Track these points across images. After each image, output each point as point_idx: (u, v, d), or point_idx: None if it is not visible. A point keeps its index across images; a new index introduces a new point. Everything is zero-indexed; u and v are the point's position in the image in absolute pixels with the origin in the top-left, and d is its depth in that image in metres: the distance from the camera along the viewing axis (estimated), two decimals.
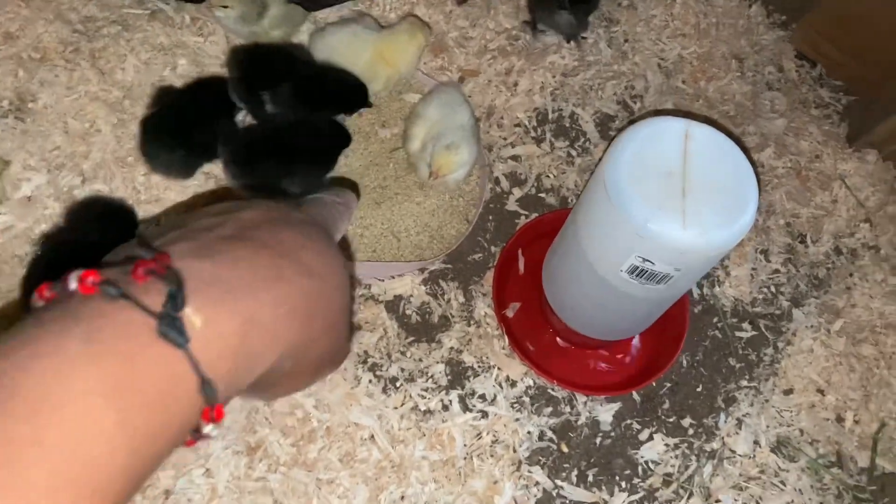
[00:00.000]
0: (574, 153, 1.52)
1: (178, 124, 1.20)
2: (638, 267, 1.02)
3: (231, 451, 1.11)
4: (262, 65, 1.29)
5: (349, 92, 1.33)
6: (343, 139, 1.28)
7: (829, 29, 1.66)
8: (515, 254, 1.38)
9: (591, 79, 1.57)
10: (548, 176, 1.48)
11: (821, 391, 1.38)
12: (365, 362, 1.24)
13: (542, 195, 1.47)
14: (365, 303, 1.29)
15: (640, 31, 1.64)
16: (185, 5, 1.38)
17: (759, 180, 1.02)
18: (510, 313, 1.34)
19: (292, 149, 1.22)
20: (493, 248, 1.40)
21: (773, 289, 1.46)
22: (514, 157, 1.49)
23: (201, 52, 1.38)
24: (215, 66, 1.38)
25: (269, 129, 1.26)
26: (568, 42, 1.59)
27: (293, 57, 1.31)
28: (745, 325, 1.42)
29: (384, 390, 1.23)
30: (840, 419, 1.36)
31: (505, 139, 1.50)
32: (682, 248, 0.97)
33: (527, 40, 1.58)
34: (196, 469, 1.09)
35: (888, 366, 1.42)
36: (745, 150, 1.05)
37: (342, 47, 1.36)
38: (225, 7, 1.26)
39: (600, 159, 1.48)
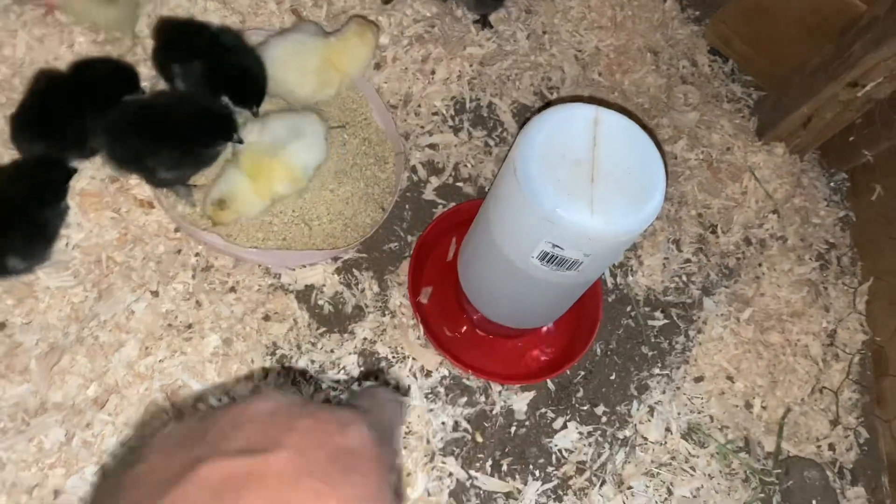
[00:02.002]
0: (491, 143, 1.51)
1: (47, 116, 1.14)
2: (548, 253, 1.02)
3: (128, 448, 1.06)
4: (180, 38, 1.23)
5: (248, 85, 1.27)
6: (224, 131, 1.20)
7: (739, 25, 1.70)
8: (431, 243, 1.36)
9: (508, 69, 1.56)
10: (465, 165, 1.47)
11: (730, 378, 1.41)
12: (273, 354, 1.20)
13: (460, 184, 1.45)
14: (274, 293, 1.25)
15: (558, 22, 1.64)
16: None
17: (669, 171, 1.03)
18: (424, 299, 1.32)
19: (162, 128, 1.14)
20: (409, 238, 1.38)
21: (684, 278, 1.48)
22: (432, 146, 1.47)
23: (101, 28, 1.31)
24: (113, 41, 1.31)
25: (145, 105, 1.18)
26: (477, 23, 1.58)
27: (215, 38, 1.25)
28: (658, 313, 1.44)
29: (293, 382, 1.19)
30: (748, 405, 1.39)
31: (422, 127, 1.48)
32: (591, 233, 0.97)
33: (444, 28, 1.56)
34: (89, 466, 1.03)
35: (794, 353, 1.46)
36: (655, 139, 1.06)
37: (288, 58, 1.30)
38: None
39: (509, 151, 1.48)
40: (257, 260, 1.25)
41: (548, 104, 1.53)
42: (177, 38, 1.23)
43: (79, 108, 1.14)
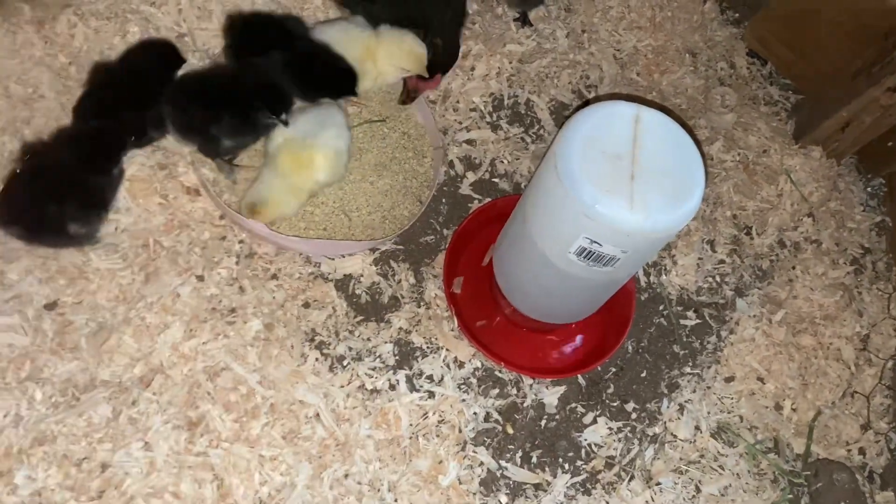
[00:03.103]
0: (528, 140, 1.52)
1: (106, 106, 1.19)
2: (586, 248, 1.03)
3: (171, 426, 1.09)
4: (254, 33, 1.27)
5: (338, 77, 1.32)
6: (279, 105, 1.24)
7: (779, 28, 1.70)
8: (467, 237, 1.38)
9: (547, 66, 1.58)
10: (502, 161, 1.49)
11: (761, 379, 1.41)
12: (312, 340, 1.23)
13: (496, 180, 1.47)
14: (314, 281, 1.28)
15: (597, 21, 1.65)
16: None
17: (707, 171, 1.04)
18: (457, 289, 1.34)
19: (224, 97, 1.20)
20: (445, 231, 1.40)
21: (718, 278, 1.49)
22: (469, 142, 1.49)
23: (153, 20, 1.35)
24: (169, 33, 1.36)
25: (206, 76, 1.24)
26: (517, 20, 1.60)
27: (287, 30, 1.30)
28: (690, 313, 1.45)
29: (331, 369, 1.22)
30: (779, 407, 1.40)
31: (460, 123, 1.50)
32: (629, 230, 0.99)
33: (484, 25, 1.58)
34: (134, 443, 1.07)
35: (826, 356, 1.46)
36: (695, 137, 1.07)
37: (332, 43, 1.34)
38: None
39: (550, 146, 1.50)
40: (299, 248, 1.28)
41: (586, 102, 1.55)
42: (250, 34, 1.28)
43: (134, 98, 1.18)
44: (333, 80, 1.32)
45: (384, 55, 1.35)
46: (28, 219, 1.10)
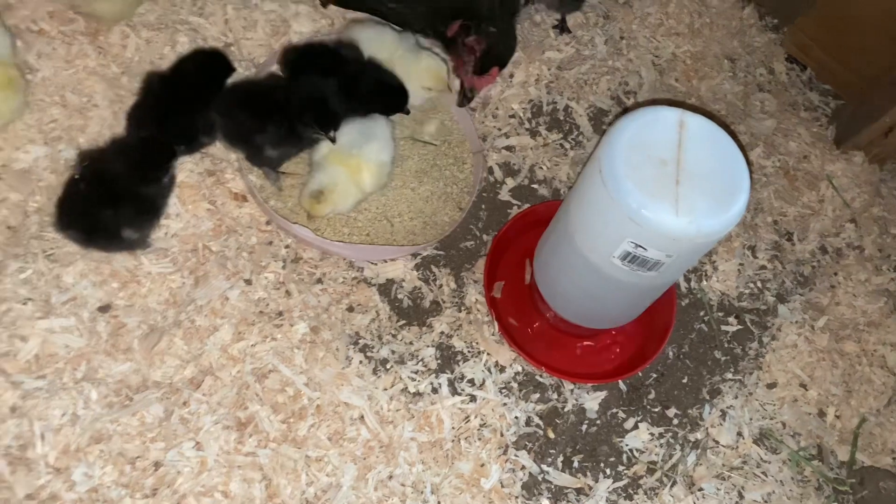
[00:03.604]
0: (567, 146, 1.53)
1: (158, 114, 1.22)
2: (630, 253, 1.04)
3: (221, 426, 1.11)
4: (309, 64, 1.30)
5: (388, 94, 1.34)
6: (327, 121, 1.26)
7: (819, 34, 1.69)
8: (506, 243, 1.39)
9: (585, 73, 1.59)
10: (541, 167, 1.50)
11: (804, 386, 1.40)
12: (356, 343, 1.25)
13: (535, 186, 1.48)
14: (357, 285, 1.30)
15: (636, 28, 1.66)
16: None
17: (750, 167, 1.04)
18: (497, 293, 1.35)
19: (270, 108, 1.23)
20: (484, 237, 1.41)
21: (759, 284, 1.48)
22: (508, 148, 1.50)
23: (201, 30, 1.39)
24: (216, 42, 1.39)
25: (255, 86, 1.28)
26: (556, 27, 1.61)
27: (339, 56, 1.33)
28: (731, 319, 1.44)
29: (374, 371, 1.24)
30: (822, 413, 1.39)
31: (499, 130, 1.51)
32: (675, 234, 0.99)
33: (523, 33, 1.59)
34: (186, 442, 1.09)
35: (870, 363, 1.44)
36: (739, 142, 1.07)
37: (364, 41, 1.37)
38: None
39: (594, 151, 1.51)
40: (342, 253, 1.30)
41: (625, 110, 1.55)
42: (305, 65, 1.30)
43: (186, 105, 1.22)
44: (383, 97, 1.35)
45: (404, 74, 1.36)
46: (84, 224, 1.13)
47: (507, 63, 1.43)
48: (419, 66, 1.37)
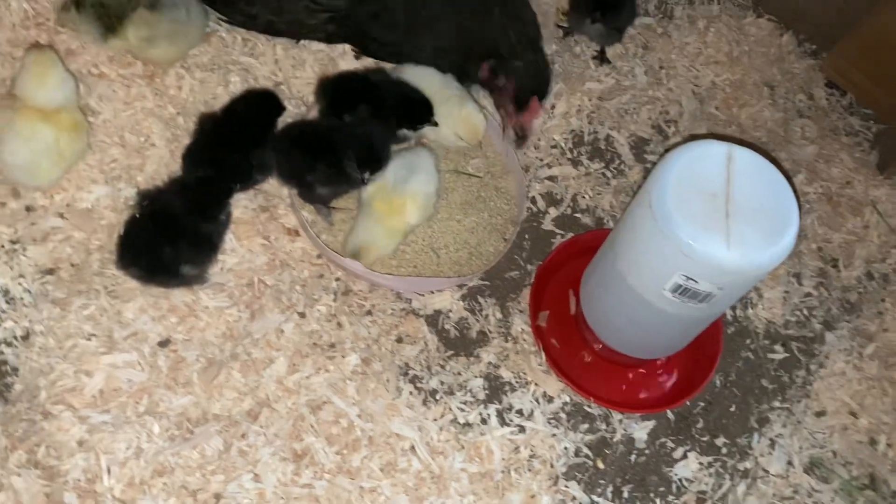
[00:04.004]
0: (609, 175, 1.55)
1: (213, 153, 1.27)
2: (682, 286, 1.05)
3: (278, 458, 1.14)
4: (342, 93, 1.35)
5: (413, 107, 1.37)
6: (372, 164, 1.30)
7: (859, 58, 1.69)
8: (551, 272, 1.41)
9: (626, 103, 1.61)
10: (583, 196, 1.52)
11: (853, 414, 1.39)
12: (406, 374, 1.27)
13: (578, 215, 1.50)
14: (406, 316, 1.32)
15: (675, 57, 1.67)
16: (236, 27, 1.44)
17: (798, 196, 1.06)
18: (542, 322, 1.36)
19: (321, 148, 1.27)
20: (528, 266, 1.43)
21: (805, 312, 1.48)
22: (551, 178, 1.52)
23: (252, 70, 1.43)
24: (266, 82, 1.44)
25: (308, 127, 1.33)
26: (595, 59, 1.63)
27: (370, 82, 1.37)
28: (778, 346, 1.44)
29: (424, 402, 1.25)
30: (873, 442, 1.38)
31: (542, 160, 1.53)
32: (727, 267, 1.00)
33: (564, 65, 1.62)
34: (245, 474, 1.11)
35: None
36: (787, 175, 1.08)
37: (410, 76, 1.40)
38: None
39: (637, 182, 1.52)
40: (391, 285, 1.33)
41: (668, 149, 1.57)
42: (338, 95, 1.35)
43: (239, 144, 1.26)
44: (406, 110, 1.37)
45: (444, 118, 1.39)
46: (145, 261, 1.17)
47: (545, 92, 1.45)
48: (459, 114, 1.39)
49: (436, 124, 1.37)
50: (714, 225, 1.01)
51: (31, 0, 1.34)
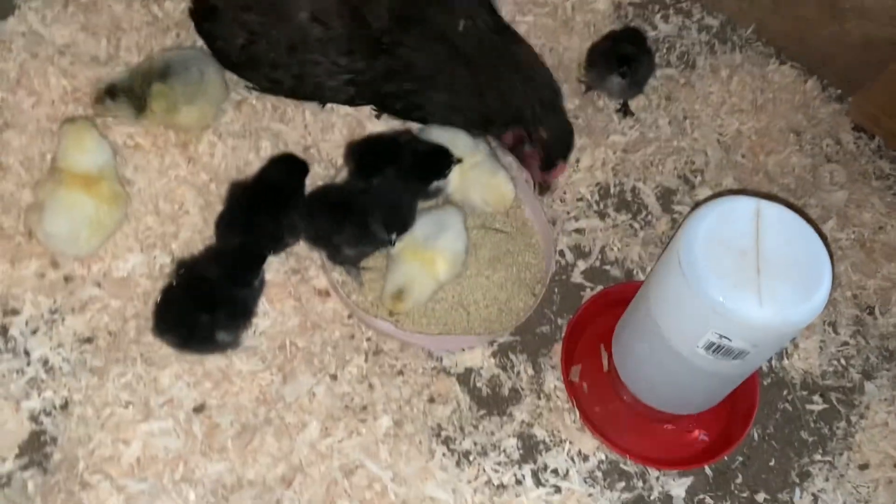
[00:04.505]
0: (637, 226, 1.55)
1: (245, 220, 1.30)
2: (715, 343, 1.04)
3: None
4: (369, 156, 1.38)
5: (432, 158, 1.39)
6: (398, 225, 1.32)
7: (885, 101, 1.69)
8: (582, 326, 1.40)
9: (651, 154, 1.61)
10: (611, 248, 1.51)
11: None
12: (439, 435, 1.27)
13: (607, 267, 1.50)
14: (437, 375, 1.32)
15: (699, 107, 1.68)
16: (266, 94, 1.48)
17: (829, 248, 1.05)
18: (574, 377, 1.36)
19: (347, 211, 1.30)
20: (559, 321, 1.43)
21: (842, 361, 1.45)
22: (578, 231, 1.52)
23: (282, 136, 1.46)
24: (296, 146, 1.47)
25: (334, 191, 1.36)
26: (619, 111, 1.64)
27: (397, 144, 1.40)
28: (816, 397, 1.42)
29: (458, 464, 1.25)
30: None
31: (568, 213, 1.54)
32: (760, 325, 0.99)
33: (587, 119, 1.63)
34: None
35: None
36: (818, 229, 1.07)
37: (436, 136, 1.42)
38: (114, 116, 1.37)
39: (666, 233, 1.52)
40: (422, 344, 1.33)
41: (697, 204, 1.56)
42: (366, 159, 1.38)
43: (269, 211, 1.28)
44: (428, 161, 1.39)
45: (473, 182, 1.41)
46: (181, 329, 1.19)
47: (569, 154, 1.47)
48: (488, 181, 1.41)
49: (459, 161, 1.37)
50: (745, 282, 1.00)
51: (69, 77, 1.39)
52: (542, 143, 1.43)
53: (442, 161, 1.38)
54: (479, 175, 1.40)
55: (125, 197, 1.31)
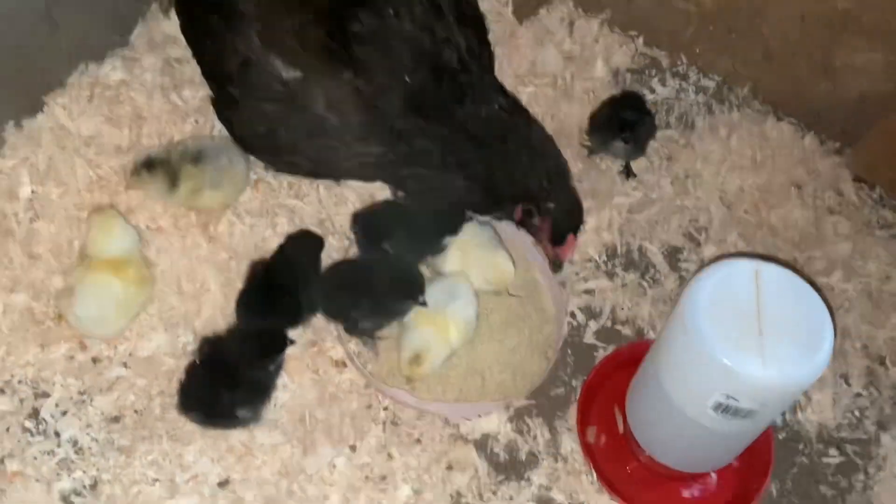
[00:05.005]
0: (646, 285, 1.58)
1: (265, 299, 1.36)
2: (723, 404, 1.07)
3: None
4: (375, 225, 1.44)
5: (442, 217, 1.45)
6: (413, 291, 1.37)
7: (885, 151, 1.73)
8: (596, 388, 1.43)
9: (656, 214, 1.65)
10: (622, 308, 1.55)
11: None
12: (458, 503, 1.28)
13: (619, 327, 1.52)
14: (455, 442, 1.34)
15: (700, 166, 1.73)
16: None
17: (829, 305, 1.07)
18: (591, 439, 1.37)
19: (363, 285, 1.35)
20: (573, 382, 1.45)
21: (857, 413, 1.46)
22: (588, 291, 1.56)
23: (298, 212, 1.52)
24: (311, 220, 1.52)
25: (350, 267, 1.42)
26: (621, 174, 1.69)
27: (400, 208, 1.47)
28: (832, 450, 1.42)
29: None
30: None
31: (577, 274, 1.57)
32: (764, 385, 1.02)
33: (591, 182, 1.68)
34: None
35: None
36: (814, 284, 1.10)
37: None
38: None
39: (674, 290, 1.55)
40: (438, 411, 1.36)
41: (702, 264, 1.59)
42: (372, 227, 1.44)
43: (288, 288, 1.34)
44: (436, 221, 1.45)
45: (474, 262, 1.46)
46: (204, 406, 1.23)
47: (579, 227, 1.51)
48: (490, 261, 1.45)
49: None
50: (748, 343, 1.03)
51: (94, 166, 1.46)
52: (550, 217, 1.47)
53: (451, 219, 1.45)
54: (481, 255, 1.45)
55: (150, 279, 1.37)
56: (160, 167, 1.40)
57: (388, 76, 1.35)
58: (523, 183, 1.44)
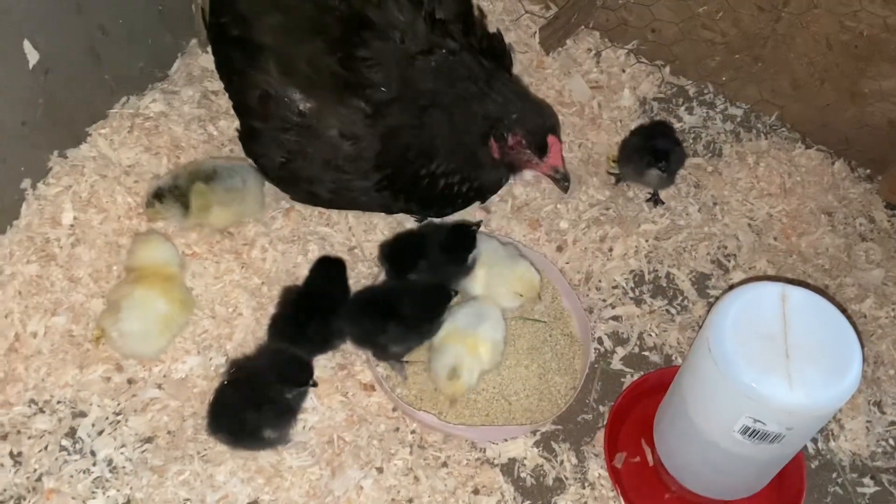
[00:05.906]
0: (673, 311, 1.58)
1: (296, 325, 1.38)
2: (750, 427, 1.06)
3: None
4: (400, 253, 1.48)
5: (457, 236, 1.48)
6: (441, 299, 1.41)
7: None
8: (623, 414, 1.42)
9: (683, 241, 1.66)
10: (649, 334, 1.54)
11: None
12: None
13: (646, 353, 1.52)
14: (481, 466, 1.35)
15: (728, 193, 1.73)
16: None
17: (860, 331, 1.06)
18: (618, 464, 1.36)
19: (389, 311, 1.37)
20: (600, 408, 1.45)
21: (891, 442, 1.44)
22: (615, 318, 1.56)
23: (328, 239, 1.56)
24: (341, 248, 1.56)
25: (375, 293, 1.44)
26: (649, 201, 1.70)
27: (425, 238, 1.50)
28: (867, 479, 1.40)
29: None
30: None
31: (604, 301, 1.58)
32: (791, 408, 1.01)
33: (618, 209, 1.69)
34: None
35: None
36: (842, 307, 1.10)
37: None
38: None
39: (702, 317, 1.54)
40: (465, 435, 1.37)
41: (730, 287, 1.59)
42: (398, 257, 1.47)
43: (318, 314, 1.37)
44: (454, 241, 1.48)
45: (498, 279, 1.48)
46: (231, 427, 1.26)
47: (554, 126, 1.47)
48: (514, 274, 1.48)
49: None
50: (774, 366, 1.03)
51: (133, 194, 1.51)
52: (518, 126, 1.42)
53: (466, 233, 1.48)
54: (503, 270, 1.47)
55: (192, 302, 1.41)
56: (170, 195, 1.45)
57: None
58: (482, 112, 1.43)
